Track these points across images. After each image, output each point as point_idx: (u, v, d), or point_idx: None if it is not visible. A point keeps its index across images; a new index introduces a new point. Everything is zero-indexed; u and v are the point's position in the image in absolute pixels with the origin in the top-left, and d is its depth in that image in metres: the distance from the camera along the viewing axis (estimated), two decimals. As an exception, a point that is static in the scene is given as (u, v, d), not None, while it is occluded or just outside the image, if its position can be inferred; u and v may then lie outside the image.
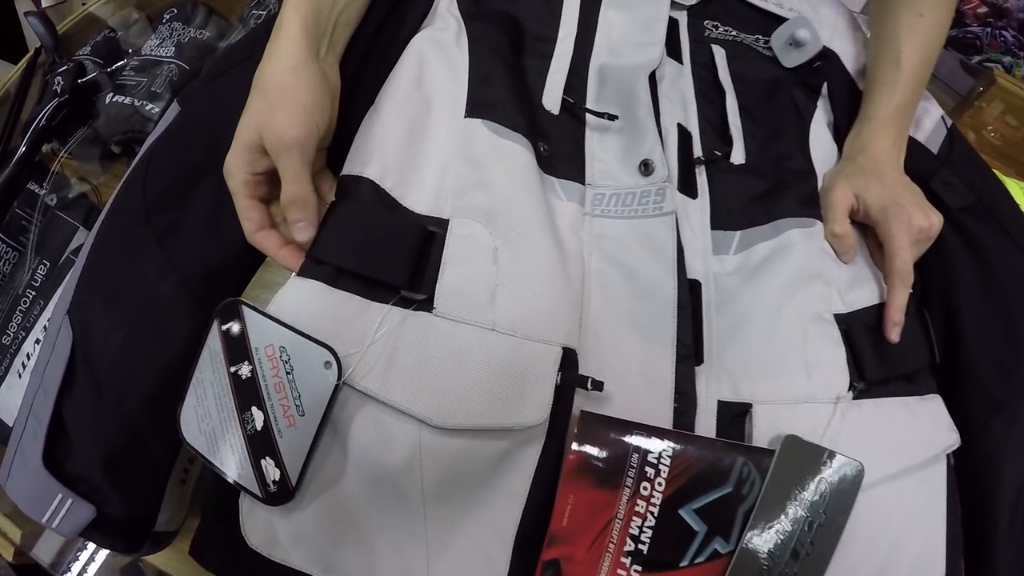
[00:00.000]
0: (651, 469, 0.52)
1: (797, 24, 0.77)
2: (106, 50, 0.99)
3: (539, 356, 0.55)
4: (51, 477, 0.57)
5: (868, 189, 0.68)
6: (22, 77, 1.01)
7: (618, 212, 0.64)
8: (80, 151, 0.95)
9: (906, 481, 0.59)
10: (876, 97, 0.74)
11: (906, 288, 0.64)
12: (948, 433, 0.63)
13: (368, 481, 0.54)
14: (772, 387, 0.59)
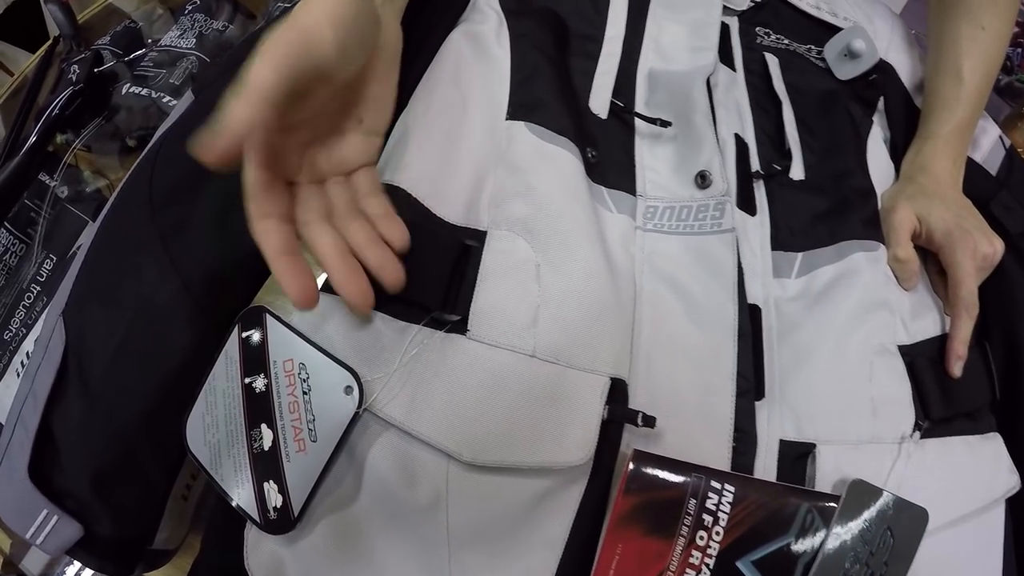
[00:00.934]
0: (709, 517, 0.44)
1: (853, 34, 0.69)
2: (126, 40, 0.92)
3: (584, 386, 0.46)
4: (36, 491, 0.50)
5: (931, 212, 0.61)
6: (39, 66, 0.94)
7: (672, 227, 0.56)
8: (98, 145, 0.87)
9: (965, 526, 0.53)
10: (936, 114, 0.67)
11: (971, 319, 0.58)
12: (1009, 475, 0.56)
13: (387, 519, 0.46)
14: (837, 426, 0.51)
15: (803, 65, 0.70)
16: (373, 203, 0.48)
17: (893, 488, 0.48)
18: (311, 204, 0.45)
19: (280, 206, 0.43)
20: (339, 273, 0.43)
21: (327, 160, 0.47)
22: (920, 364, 0.56)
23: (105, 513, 0.51)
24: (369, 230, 0.46)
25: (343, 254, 0.44)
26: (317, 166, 0.47)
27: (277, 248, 0.41)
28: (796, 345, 0.53)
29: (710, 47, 0.64)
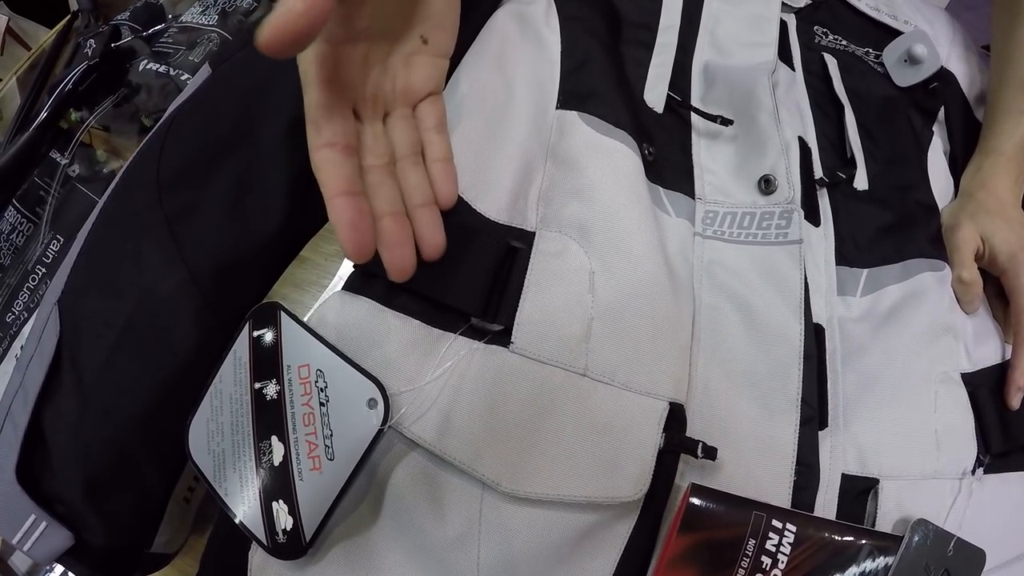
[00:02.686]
0: (767, 559, 0.38)
1: (914, 39, 0.63)
2: (146, 16, 0.85)
3: (641, 411, 0.40)
4: (24, 494, 0.45)
5: (996, 232, 0.56)
6: (57, 40, 0.88)
7: (733, 235, 0.50)
8: (117, 126, 0.81)
9: (1016, 568, 0.48)
10: (999, 127, 0.62)
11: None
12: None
13: (410, 550, 0.40)
14: (901, 460, 0.46)
15: (863, 69, 0.63)
16: (436, 141, 0.43)
17: (952, 527, 0.44)
18: (375, 147, 0.40)
19: (345, 135, 0.38)
20: (390, 235, 0.38)
21: (392, 85, 0.42)
22: (981, 394, 0.50)
23: (98, 521, 0.46)
24: (426, 186, 0.41)
25: (398, 216, 0.39)
26: (382, 92, 0.42)
27: (338, 185, 0.36)
28: (861, 370, 0.48)
29: (770, 43, 0.58)
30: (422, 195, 0.41)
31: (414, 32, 0.42)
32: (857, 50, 0.65)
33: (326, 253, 0.62)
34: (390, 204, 0.39)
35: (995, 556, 0.44)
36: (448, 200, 0.42)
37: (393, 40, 0.42)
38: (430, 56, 0.43)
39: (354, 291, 0.44)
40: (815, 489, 0.43)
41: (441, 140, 0.43)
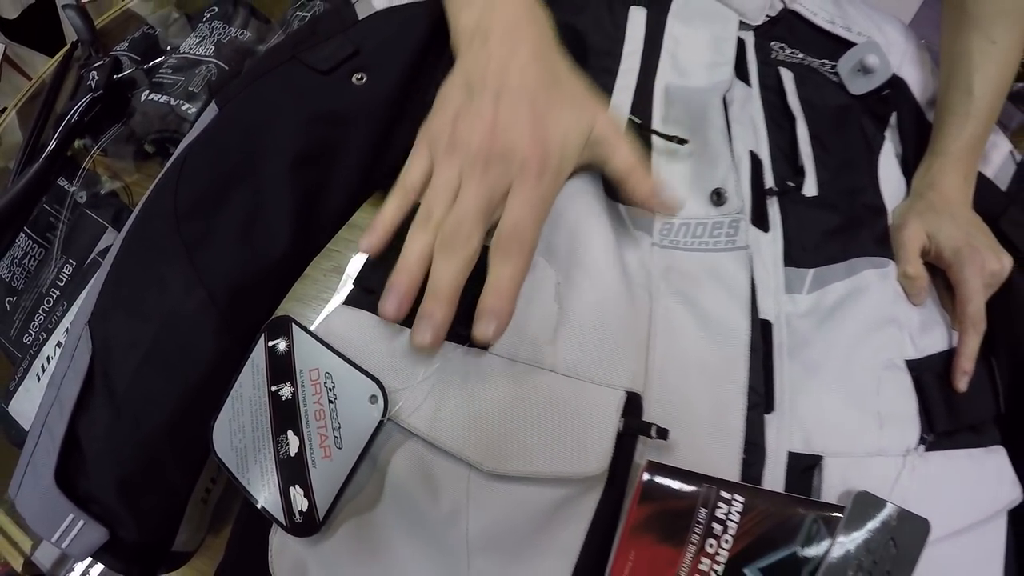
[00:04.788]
0: (719, 526, 0.45)
1: (866, 49, 0.71)
2: (144, 47, 0.94)
3: (601, 400, 0.48)
4: (63, 496, 0.52)
5: (941, 229, 0.63)
6: (57, 71, 0.96)
7: (688, 244, 0.57)
8: (114, 149, 0.89)
9: (966, 538, 0.55)
10: (947, 129, 0.69)
11: (978, 335, 0.60)
12: (1012, 488, 0.58)
13: (408, 526, 0.48)
14: (844, 439, 0.53)
15: (818, 80, 0.71)
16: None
17: (897, 499, 0.50)
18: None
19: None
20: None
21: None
22: (927, 378, 0.58)
23: (130, 518, 0.53)
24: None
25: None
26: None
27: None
28: (806, 360, 0.55)
29: (727, 62, 0.66)
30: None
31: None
32: (813, 62, 0.72)
33: (324, 269, 0.70)
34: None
35: (942, 527, 0.50)
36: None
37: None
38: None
39: (354, 305, 0.52)
40: (762, 466, 0.51)
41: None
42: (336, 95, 0.60)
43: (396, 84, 0.61)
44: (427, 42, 0.63)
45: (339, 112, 0.60)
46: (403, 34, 0.63)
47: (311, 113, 0.59)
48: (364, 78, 0.60)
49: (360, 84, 0.60)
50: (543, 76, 0.51)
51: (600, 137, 0.52)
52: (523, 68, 0.50)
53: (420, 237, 0.48)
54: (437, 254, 0.47)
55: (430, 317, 0.46)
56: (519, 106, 0.49)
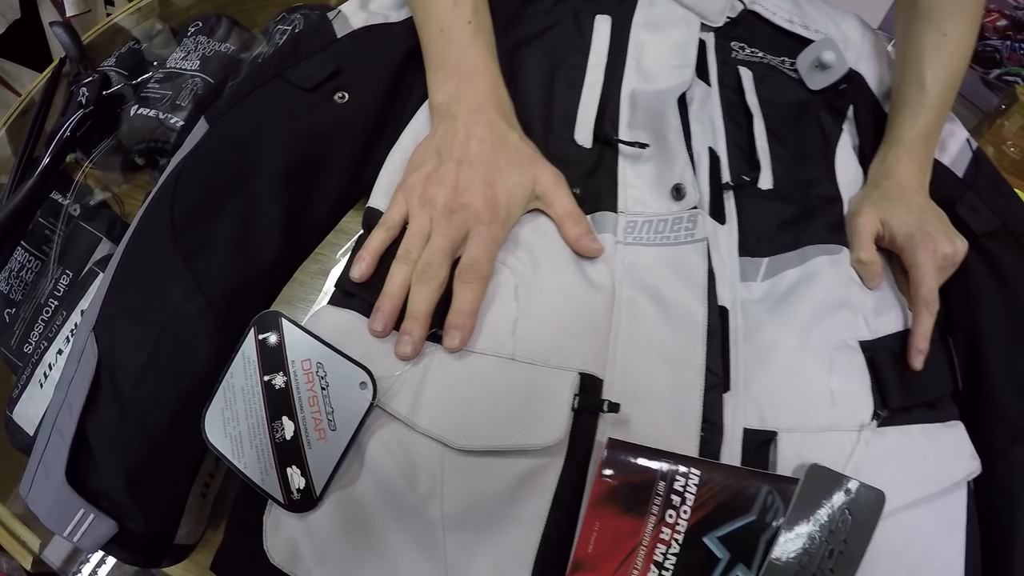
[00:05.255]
0: (677, 497, 0.52)
1: (823, 46, 0.77)
2: (131, 61, 1.00)
3: (555, 381, 0.56)
4: (73, 492, 0.57)
5: (894, 216, 0.69)
6: (47, 86, 1.02)
7: (650, 239, 0.64)
8: (103, 160, 0.95)
9: (927, 508, 0.60)
10: (901, 121, 0.75)
11: (931, 316, 0.66)
12: (969, 460, 0.64)
13: (391, 503, 0.55)
14: (797, 415, 0.59)
15: (777, 77, 0.78)
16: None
17: (852, 472, 0.56)
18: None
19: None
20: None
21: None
22: (881, 358, 0.64)
23: (136, 510, 0.58)
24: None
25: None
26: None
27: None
28: (760, 343, 0.62)
29: (688, 64, 0.73)
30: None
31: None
32: (773, 60, 0.79)
33: (311, 272, 0.77)
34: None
35: (899, 497, 0.57)
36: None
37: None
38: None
39: (338, 305, 0.60)
40: (719, 442, 0.57)
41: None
42: (319, 113, 0.68)
43: (375, 104, 0.69)
44: (403, 65, 0.71)
45: (323, 130, 0.68)
46: (381, 58, 0.71)
47: (297, 130, 0.66)
48: (345, 97, 0.69)
49: (342, 103, 0.68)
50: (496, 147, 0.64)
51: (541, 192, 0.64)
52: (480, 141, 0.63)
53: (400, 270, 0.59)
54: (414, 284, 0.59)
55: (410, 334, 0.57)
56: (475, 172, 0.62)
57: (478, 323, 0.58)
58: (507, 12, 0.75)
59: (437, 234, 0.60)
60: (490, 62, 0.68)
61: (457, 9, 0.67)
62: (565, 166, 0.66)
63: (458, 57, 0.67)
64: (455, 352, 0.57)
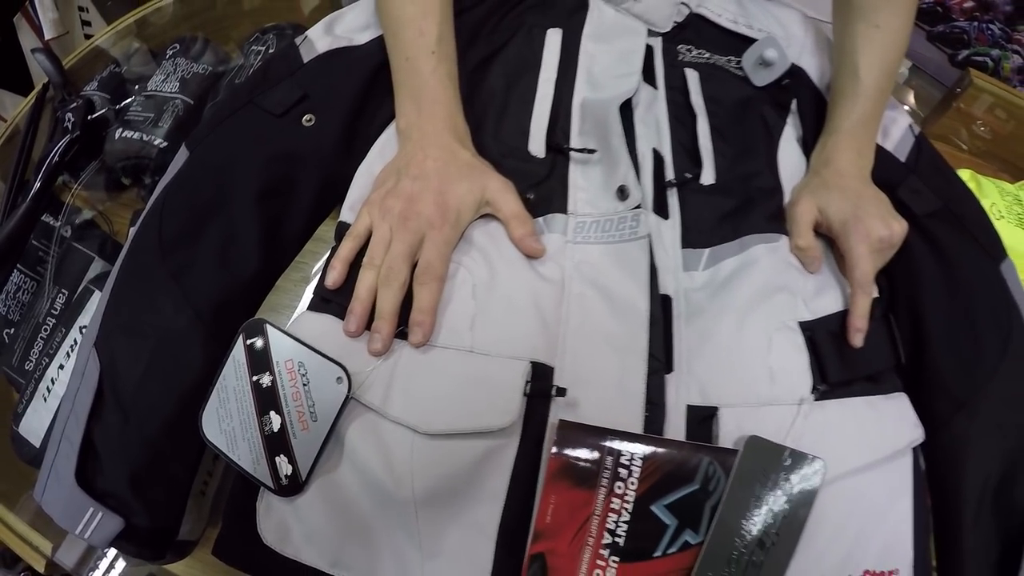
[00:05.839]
0: (624, 470, 0.60)
1: (765, 45, 0.85)
2: (113, 84, 1.09)
3: (509, 370, 0.64)
4: (83, 493, 0.65)
5: (831, 203, 0.76)
6: (32, 112, 1.10)
7: (597, 238, 0.73)
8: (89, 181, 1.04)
9: (870, 475, 0.67)
10: (838, 110, 0.82)
11: (867, 296, 0.73)
12: (913, 428, 0.71)
13: (368, 486, 0.63)
14: (737, 391, 0.67)
15: (722, 76, 0.86)
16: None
17: (793, 442, 0.64)
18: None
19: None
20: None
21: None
22: (821, 336, 0.71)
23: (141, 507, 0.67)
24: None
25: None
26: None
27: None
28: (701, 327, 0.70)
29: (634, 72, 0.81)
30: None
31: None
32: (720, 60, 0.87)
33: (294, 280, 0.87)
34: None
35: (841, 465, 0.64)
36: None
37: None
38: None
39: (316, 310, 0.70)
40: (662, 420, 0.66)
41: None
42: (289, 137, 0.77)
43: (341, 125, 0.78)
44: (368, 85, 0.80)
45: (293, 152, 0.77)
46: (345, 80, 0.80)
47: (269, 153, 0.75)
48: (313, 120, 0.78)
49: (310, 125, 0.77)
50: (448, 163, 0.73)
51: (490, 198, 0.73)
52: (435, 160, 0.72)
53: (367, 276, 0.68)
54: (379, 287, 0.68)
55: (379, 332, 0.66)
56: (428, 184, 0.71)
57: (440, 320, 0.67)
58: (465, 35, 0.83)
59: (396, 240, 0.68)
60: (449, 90, 0.77)
61: (422, 39, 0.76)
62: (520, 177, 0.75)
63: (420, 86, 0.76)
64: (419, 347, 0.65)
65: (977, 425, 0.72)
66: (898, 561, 0.67)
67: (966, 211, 0.81)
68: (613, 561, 0.60)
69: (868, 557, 0.66)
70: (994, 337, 0.75)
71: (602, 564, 0.60)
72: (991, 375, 0.73)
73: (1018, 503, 0.70)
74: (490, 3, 0.87)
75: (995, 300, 0.77)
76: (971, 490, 0.71)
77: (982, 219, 0.82)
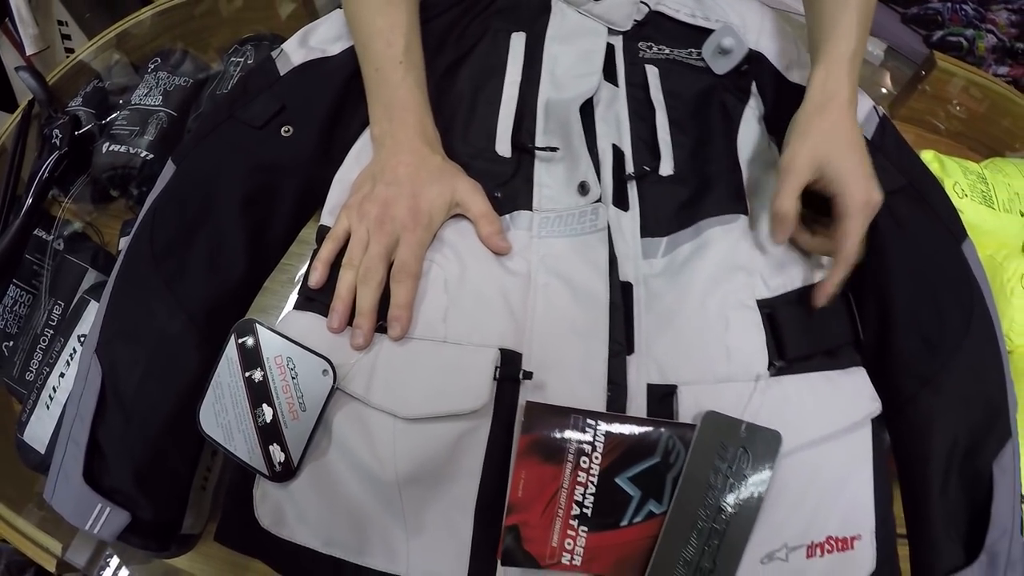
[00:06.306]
0: (588, 446, 0.68)
1: (722, 34, 0.94)
2: (97, 99, 1.17)
3: (479, 357, 0.73)
4: (91, 490, 0.71)
5: (832, 160, 0.77)
6: (19, 129, 1.18)
7: (560, 232, 0.81)
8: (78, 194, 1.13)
9: (829, 445, 0.74)
10: (834, 41, 0.83)
11: (848, 269, 0.77)
12: (870, 401, 0.78)
13: (355, 469, 0.72)
14: (695, 370, 0.75)
15: (682, 70, 0.94)
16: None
17: (750, 416, 0.71)
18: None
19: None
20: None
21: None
22: (780, 313, 0.78)
23: (145, 501, 0.73)
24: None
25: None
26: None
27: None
28: (660, 310, 0.78)
29: (595, 72, 0.89)
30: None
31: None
32: (680, 53, 0.96)
33: (281, 281, 0.96)
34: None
35: (799, 436, 0.71)
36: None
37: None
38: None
39: (302, 309, 0.78)
40: (624, 399, 0.74)
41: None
42: (269, 148, 0.84)
43: (318, 133, 0.86)
44: (343, 93, 0.88)
45: (273, 162, 0.84)
46: (320, 90, 0.88)
47: (251, 164, 0.83)
48: (291, 130, 0.85)
49: (288, 136, 0.85)
50: (419, 168, 0.80)
51: (460, 199, 0.81)
52: (406, 165, 0.80)
53: (347, 276, 0.76)
54: (359, 286, 0.75)
55: (360, 328, 0.74)
56: (401, 189, 0.78)
57: (416, 314, 0.75)
58: (433, 41, 0.91)
59: (373, 242, 0.76)
60: (418, 98, 0.84)
61: (390, 50, 0.83)
62: (488, 177, 0.83)
63: (390, 95, 0.83)
64: (398, 340, 0.74)
65: (942, 399, 0.77)
66: (860, 527, 0.74)
67: (929, 190, 0.87)
68: (582, 531, 0.68)
69: (831, 523, 0.73)
70: (957, 314, 0.80)
71: (572, 533, 0.68)
72: (955, 351, 0.78)
73: (983, 471, 0.75)
74: (456, 10, 0.94)
75: (957, 278, 0.82)
76: (938, 460, 0.75)
77: (944, 199, 0.88)
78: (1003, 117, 1.30)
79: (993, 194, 1.06)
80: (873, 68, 1.39)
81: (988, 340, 0.80)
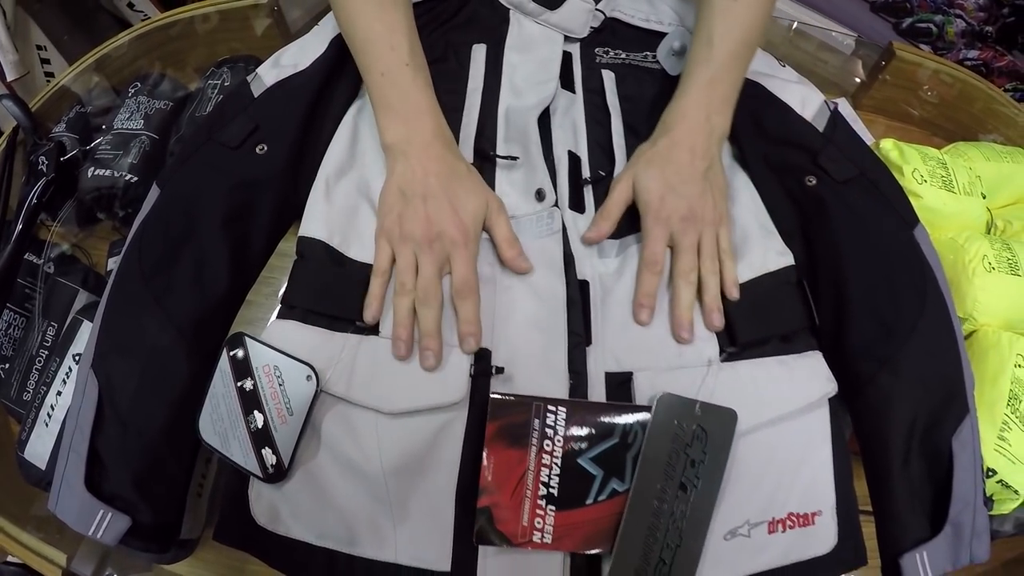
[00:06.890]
0: (550, 430, 0.77)
1: (674, 36, 1.04)
2: (80, 125, 1.27)
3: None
4: (93, 498, 0.77)
5: (646, 180, 0.89)
6: (4, 156, 1.26)
7: (520, 236, 0.90)
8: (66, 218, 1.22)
9: (786, 425, 0.82)
10: (689, 76, 0.93)
11: (653, 276, 0.87)
12: (825, 382, 0.86)
13: (342, 464, 0.80)
14: (648, 358, 0.85)
15: (639, 75, 1.04)
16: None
17: (704, 398, 0.79)
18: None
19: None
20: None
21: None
22: (728, 302, 0.87)
23: (145, 505, 0.79)
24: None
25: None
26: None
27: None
28: (613, 305, 0.88)
29: (551, 79, 0.98)
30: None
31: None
32: (636, 57, 1.05)
33: (265, 294, 1.05)
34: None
35: (755, 417, 0.80)
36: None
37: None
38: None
39: (284, 318, 0.87)
40: (585, 386, 0.83)
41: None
42: (245, 166, 0.93)
43: (291, 147, 0.95)
44: (311, 110, 0.97)
45: (251, 179, 0.93)
46: (290, 106, 0.96)
47: (230, 183, 0.92)
48: (265, 148, 0.94)
49: (263, 154, 0.94)
50: (450, 178, 0.85)
51: (489, 216, 0.87)
52: (437, 175, 0.85)
53: (402, 301, 0.83)
54: (420, 308, 0.82)
55: (429, 349, 0.81)
56: (441, 204, 0.84)
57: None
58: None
59: (424, 263, 0.83)
60: (431, 100, 0.90)
61: (395, 53, 0.89)
62: None
63: (401, 99, 0.89)
64: (471, 353, 0.82)
65: (900, 380, 0.83)
66: (820, 504, 0.82)
67: (880, 178, 0.95)
68: (550, 509, 0.77)
69: (791, 500, 0.80)
70: (911, 296, 0.87)
71: (541, 512, 0.77)
72: (910, 332, 0.84)
73: (943, 447, 0.81)
74: (419, 23, 1.01)
75: (910, 262, 0.89)
76: (898, 438, 0.82)
77: (895, 186, 0.95)
78: (974, 102, 1.39)
79: (953, 178, 1.13)
80: (845, 58, 1.46)
81: (942, 321, 0.87)
